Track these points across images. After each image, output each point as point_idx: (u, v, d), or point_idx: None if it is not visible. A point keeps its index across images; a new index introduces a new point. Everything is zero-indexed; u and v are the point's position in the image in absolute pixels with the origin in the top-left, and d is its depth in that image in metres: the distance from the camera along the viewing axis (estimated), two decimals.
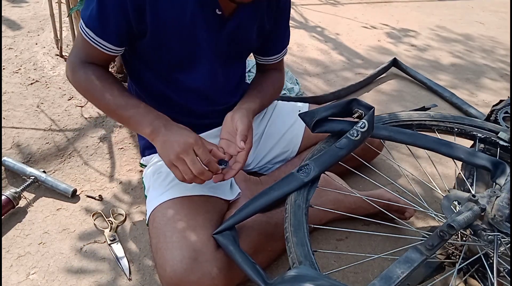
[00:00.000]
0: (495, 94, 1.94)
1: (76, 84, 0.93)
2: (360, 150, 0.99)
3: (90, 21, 0.83)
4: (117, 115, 0.90)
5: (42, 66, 1.69)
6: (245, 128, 0.90)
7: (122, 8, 0.81)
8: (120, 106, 0.88)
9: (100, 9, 0.81)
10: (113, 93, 0.89)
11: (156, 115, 0.88)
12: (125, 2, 0.80)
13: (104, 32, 0.84)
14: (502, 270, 0.79)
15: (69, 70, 0.92)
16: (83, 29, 0.85)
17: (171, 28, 0.86)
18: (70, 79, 0.94)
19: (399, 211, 1.07)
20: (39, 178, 1.14)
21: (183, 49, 0.90)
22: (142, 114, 0.88)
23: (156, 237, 0.87)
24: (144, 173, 1.07)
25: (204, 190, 0.94)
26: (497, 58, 2.39)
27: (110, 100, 0.89)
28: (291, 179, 0.84)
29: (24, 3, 2.34)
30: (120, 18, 0.82)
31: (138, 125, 0.88)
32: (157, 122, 0.86)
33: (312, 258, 0.73)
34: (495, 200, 0.82)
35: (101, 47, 0.86)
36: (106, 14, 0.82)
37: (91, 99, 0.95)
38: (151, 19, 0.83)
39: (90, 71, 0.90)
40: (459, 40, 2.60)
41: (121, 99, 0.89)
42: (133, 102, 0.89)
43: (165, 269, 0.81)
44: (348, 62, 2.14)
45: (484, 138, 1.03)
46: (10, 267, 0.94)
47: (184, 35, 0.88)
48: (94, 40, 0.85)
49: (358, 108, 0.91)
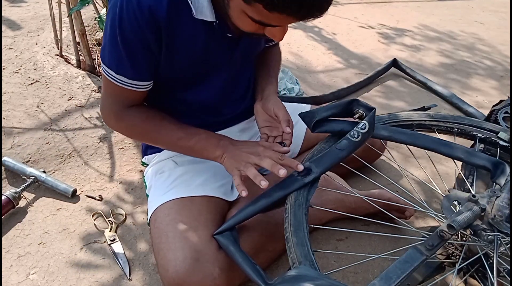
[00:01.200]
0: (495, 94, 1.94)
1: (124, 131, 0.96)
2: (362, 151, 0.99)
3: (120, 67, 0.82)
4: (179, 146, 0.93)
5: (42, 66, 1.69)
6: (284, 112, 0.92)
7: (146, 45, 0.79)
8: (180, 138, 0.90)
9: (127, 53, 0.79)
10: (167, 128, 0.91)
11: (218, 137, 0.91)
12: (147, 38, 0.78)
13: (138, 74, 0.83)
14: (502, 270, 0.79)
15: (113, 120, 0.92)
16: (113, 77, 0.83)
17: (185, 54, 0.84)
18: (115, 127, 0.95)
19: (399, 211, 1.07)
20: (39, 178, 1.14)
21: (196, 71, 0.90)
22: (205, 139, 0.90)
23: (158, 237, 0.87)
24: (145, 172, 1.07)
25: (206, 191, 0.94)
26: (497, 58, 2.39)
27: (168, 136, 0.91)
28: (292, 180, 0.84)
29: (24, 3, 2.34)
30: (146, 54, 0.81)
31: (204, 151, 0.90)
32: (223, 142, 0.89)
33: (312, 258, 0.73)
34: (495, 200, 0.82)
35: (136, 87, 0.85)
36: (135, 56, 0.80)
37: (147, 140, 0.98)
38: (166, 47, 0.82)
39: (135, 116, 0.90)
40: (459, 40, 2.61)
41: (179, 132, 0.91)
42: (192, 130, 0.91)
43: (167, 269, 0.81)
44: (348, 62, 2.14)
45: (484, 138, 1.03)
46: (10, 267, 0.94)
47: (198, 59, 0.87)
48: (127, 84, 0.84)
49: (358, 109, 0.91)
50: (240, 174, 0.85)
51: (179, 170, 0.98)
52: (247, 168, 0.84)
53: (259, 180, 0.82)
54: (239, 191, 0.83)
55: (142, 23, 0.75)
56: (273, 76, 1.04)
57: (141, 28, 0.76)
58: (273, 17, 0.67)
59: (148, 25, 0.76)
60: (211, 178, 0.97)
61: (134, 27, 0.76)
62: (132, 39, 0.78)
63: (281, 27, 0.74)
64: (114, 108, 0.89)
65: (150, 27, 0.76)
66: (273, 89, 1.00)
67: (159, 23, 0.76)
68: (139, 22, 0.75)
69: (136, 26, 0.76)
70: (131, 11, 0.74)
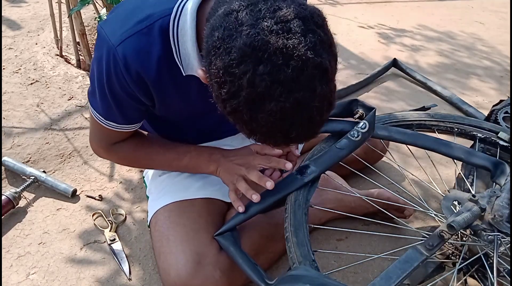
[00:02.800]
0: (495, 94, 1.94)
1: (116, 161, 0.97)
2: (364, 153, 0.98)
3: (110, 115, 0.81)
4: (173, 167, 0.93)
5: (42, 66, 1.69)
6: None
7: (135, 100, 0.78)
8: (173, 159, 0.91)
9: (117, 106, 0.78)
10: (159, 152, 0.91)
11: (209, 151, 0.91)
12: (136, 95, 0.76)
13: (127, 119, 0.83)
14: (502, 270, 0.79)
15: (102, 153, 0.92)
16: (102, 121, 0.82)
17: (178, 103, 0.83)
18: (107, 159, 0.96)
19: (398, 210, 1.07)
20: (39, 178, 1.14)
21: (194, 112, 0.89)
22: (196, 156, 0.90)
23: (159, 241, 0.87)
24: (145, 173, 1.07)
25: (206, 193, 0.94)
26: (497, 58, 2.39)
27: (160, 160, 0.92)
28: (291, 179, 0.84)
29: (24, 3, 2.34)
30: (137, 106, 0.80)
31: (197, 168, 0.91)
32: (214, 156, 0.89)
33: (312, 258, 0.73)
34: (495, 200, 0.82)
35: (127, 129, 0.85)
36: (124, 108, 0.79)
37: (141, 167, 0.99)
38: (159, 100, 0.80)
39: (124, 147, 0.90)
40: (459, 40, 2.61)
41: (169, 153, 0.91)
42: (182, 149, 0.91)
43: (169, 273, 0.81)
44: (348, 62, 2.14)
45: (484, 138, 1.03)
46: (10, 267, 0.94)
47: (193, 105, 0.85)
48: (117, 127, 0.83)
49: (358, 109, 0.91)
50: (235, 188, 0.85)
51: (179, 172, 0.98)
52: (239, 182, 0.84)
53: (250, 194, 0.82)
54: (236, 207, 0.84)
55: (131, 85, 0.73)
56: None
57: (130, 88, 0.74)
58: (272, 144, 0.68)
59: (137, 87, 0.74)
60: (211, 180, 0.97)
61: (123, 85, 0.74)
62: (122, 94, 0.76)
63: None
64: (102, 144, 0.90)
65: (139, 88, 0.75)
66: None
67: (148, 85, 0.74)
68: (128, 84, 0.73)
69: (125, 85, 0.74)
70: (119, 72, 0.72)
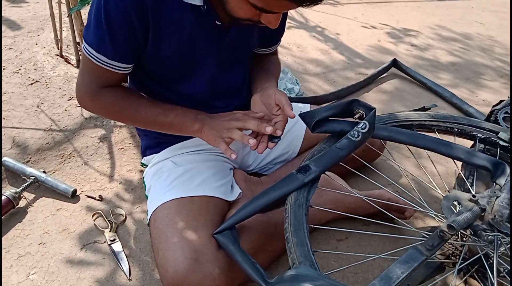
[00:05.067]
0: (495, 94, 1.94)
1: (101, 110, 0.94)
2: (361, 151, 0.98)
3: (102, 47, 0.81)
4: (158, 123, 0.92)
5: (42, 66, 1.69)
6: (287, 99, 0.91)
7: (130, 27, 0.80)
8: (158, 114, 0.91)
9: (110, 33, 0.80)
10: (146, 105, 0.91)
11: (195, 111, 0.92)
12: (132, 20, 0.78)
13: (118, 54, 0.83)
14: (502, 270, 0.79)
15: (88, 100, 0.90)
16: (92, 55, 0.83)
17: (171, 42, 0.85)
18: (90, 107, 0.93)
19: (398, 211, 1.07)
20: (39, 178, 1.14)
21: (184, 61, 0.90)
22: (182, 114, 0.91)
23: (158, 238, 0.87)
24: (145, 173, 1.07)
25: (205, 191, 0.94)
26: (497, 57, 2.39)
27: (146, 113, 0.91)
28: (291, 179, 0.84)
29: (24, 3, 2.34)
30: (130, 37, 0.81)
31: (182, 125, 0.91)
32: (200, 116, 0.90)
33: (312, 258, 0.73)
34: (495, 201, 0.82)
35: (116, 68, 0.85)
36: (117, 37, 0.80)
37: (125, 119, 0.97)
38: (153, 34, 0.82)
39: (112, 94, 0.90)
40: (459, 40, 2.61)
41: (156, 108, 0.91)
42: (168, 106, 0.92)
43: (166, 269, 0.81)
44: (348, 62, 2.14)
45: (484, 138, 1.03)
46: (10, 267, 0.94)
47: (185, 48, 0.87)
48: (107, 64, 0.84)
49: (359, 109, 0.91)
50: (224, 140, 0.85)
51: (178, 170, 0.98)
52: (232, 132, 0.85)
53: (247, 139, 0.83)
54: (228, 155, 0.84)
55: (129, 7, 0.76)
56: (273, 79, 1.04)
57: (127, 11, 0.76)
58: (274, 4, 0.70)
59: (135, 9, 0.76)
60: (211, 178, 0.97)
61: (120, 8, 0.76)
62: (117, 20, 0.78)
63: (276, 15, 0.75)
64: (90, 87, 0.88)
65: (137, 12, 0.77)
66: (274, 84, 1.00)
67: (146, 8, 0.77)
68: (126, 5, 0.76)
69: (122, 8, 0.76)
70: None
